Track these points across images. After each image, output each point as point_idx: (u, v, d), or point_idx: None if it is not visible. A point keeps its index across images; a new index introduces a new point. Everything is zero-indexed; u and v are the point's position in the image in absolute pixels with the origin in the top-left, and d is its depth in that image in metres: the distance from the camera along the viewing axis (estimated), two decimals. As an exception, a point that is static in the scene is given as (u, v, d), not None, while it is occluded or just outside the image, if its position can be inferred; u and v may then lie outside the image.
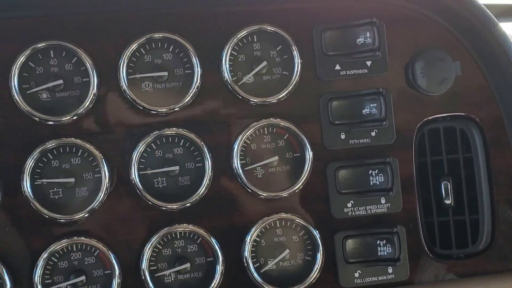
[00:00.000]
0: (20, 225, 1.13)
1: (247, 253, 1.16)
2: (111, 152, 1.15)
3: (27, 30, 1.13)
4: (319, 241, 1.17)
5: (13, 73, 1.11)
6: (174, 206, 1.15)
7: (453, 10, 1.20)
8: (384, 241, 1.17)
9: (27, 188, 1.11)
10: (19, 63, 1.11)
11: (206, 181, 1.15)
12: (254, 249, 1.17)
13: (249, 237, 1.16)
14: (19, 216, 1.13)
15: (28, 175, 1.11)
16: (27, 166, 1.11)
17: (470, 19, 1.20)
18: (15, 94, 1.11)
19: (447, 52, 1.20)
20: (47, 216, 1.12)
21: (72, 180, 1.13)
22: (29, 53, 1.11)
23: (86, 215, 1.13)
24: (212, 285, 1.15)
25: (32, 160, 1.11)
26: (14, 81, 1.11)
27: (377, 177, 1.18)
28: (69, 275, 1.13)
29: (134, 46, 1.14)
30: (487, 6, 1.24)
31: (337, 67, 1.18)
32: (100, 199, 1.13)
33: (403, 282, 1.18)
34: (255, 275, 1.16)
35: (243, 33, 1.16)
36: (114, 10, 1.15)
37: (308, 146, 1.17)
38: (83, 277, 1.13)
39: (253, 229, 1.16)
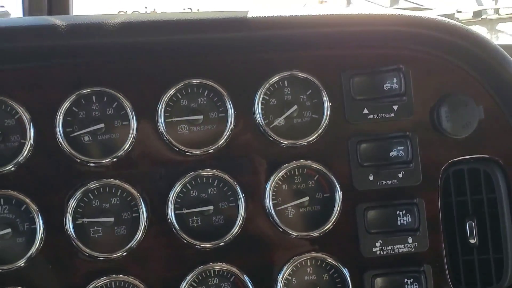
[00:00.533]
0: (62, 262, 1.18)
1: (279, 291, 1.20)
2: (149, 192, 1.20)
3: (71, 76, 1.19)
4: (349, 280, 1.21)
5: (58, 117, 1.17)
6: (208, 245, 1.20)
7: (474, 55, 1.25)
8: (412, 280, 1.20)
9: (69, 227, 1.16)
10: (64, 108, 1.17)
11: (239, 221, 1.20)
12: (285, 287, 1.21)
13: (281, 276, 1.20)
14: (61, 253, 1.17)
15: (70, 214, 1.16)
16: (69, 206, 1.16)
17: (491, 63, 1.25)
18: (60, 137, 1.17)
19: (471, 96, 1.24)
20: (87, 254, 1.17)
21: (111, 219, 1.18)
22: (74, 99, 1.17)
23: (124, 254, 1.18)
24: None
25: (75, 201, 1.17)
26: (59, 125, 1.17)
27: (405, 217, 1.22)
28: (108, 315, 1.18)
29: (172, 91, 1.19)
30: (504, 47, 1.29)
31: (365, 111, 1.23)
32: (138, 238, 1.18)
33: (429, 317, 1.22)
34: (288, 314, 1.20)
35: (275, 78, 1.22)
36: (153, 58, 1.21)
37: (338, 187, 1.22)
38: (121, 318, 1.18)
39: (284, 268, 1.20)
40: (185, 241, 1.19)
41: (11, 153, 1.17)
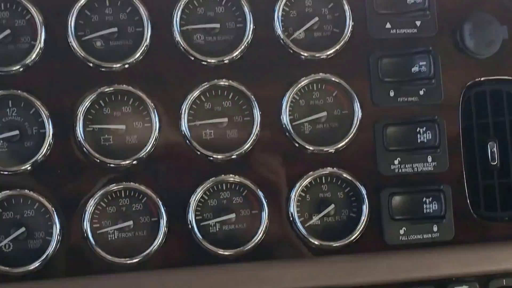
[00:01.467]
0: (71, 168, 1.14)
1: (292, 208, 1.16)
2: (162, 102, 1.16)
3: (85, -24, 1.15)
4: (365, 197, 1.17)
5: (70, 19, 1.13)
6: (220, 156, 1.16)
7: None
8: (430, 198, 1.17)
9: (80, 132, 1.13)
10: (77, 8, 1.13)
11: (253, 135, 1.16)
12: (299, 203, 1.18)
13: (294, 192, 1.17)
14: (70, 160, 1.14)
15: (81, 119, 1.13)
16: (80, 111, 1.13)
17: None
18: (72, 40, 1.13)
19: (495, 16, 1.21)
20: (98, 161, 1.13)
21: (123, 127, 1.15)
22: (86, 1, 1.13)
23: (134, 162, 1.14)
24: (257, 236, 1.15)
25: (89, 102, 1.13)
26: (71, 27, 1.13)
27: (425, 134, 1.18)
28: (117, 220, 1.14)
29: None
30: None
31: (388, 25, 1.19)
32: (148, 149, 1.14)
33: (448, 241, 1.18)
34: (301, 229, 1.16)
35: None
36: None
37: (357, 102, 1.18)
38: (130, 222, 1.14)
39: (298, 184, 1.17)
40: (198, 153, 1.15)
41: (21, 55, 1.13)
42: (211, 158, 1.16)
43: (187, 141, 1.15)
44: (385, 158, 1.18)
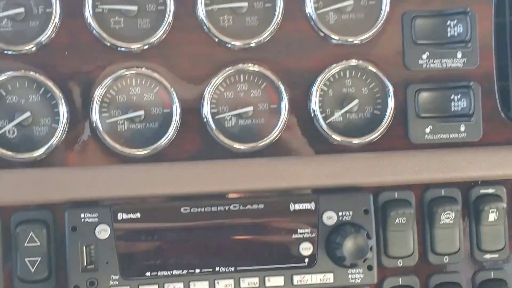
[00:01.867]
0: (78, 51, 1.07)
1: (314, 103, 1.10)
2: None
3: None
4: (391, 93, 1.11)
5: None
6: (238, 43, 1.08)
7: None
8: (459, 96, 1.11)
9: (89, 12, 1.05)
10: None
11: (274, 22, 1.09)
12: (321, 98, 1.11)
13: (316, 86, 1.10)
14: (78, 42, 1.07)
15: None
16: (88, -12, 1.05)
17: None
18: None
19: None
20: (108, 44, 1.06)
21: (134, 8, 1.07)
22: None
23: (146, 47, 1.07)
24: (274, 132, 1.09)
25: None
26: None
27: (456, 28, 1.11)
28: (127, 109, 1.08)
29: None
30: None
31: None
32: (161, 34, 1.07)
33: (475, 142, 1.13)
34: (322, 124, 1.10)
35: None
36: None
37: None
38: (142, 112, 1.07)
39: (320, 77, 1.10)
40: (216, 40, 1.08)
41: None
42: (229, 45, 1.08)
43: (204, 26, 1.08)
44: (413, 52, 1.11)
